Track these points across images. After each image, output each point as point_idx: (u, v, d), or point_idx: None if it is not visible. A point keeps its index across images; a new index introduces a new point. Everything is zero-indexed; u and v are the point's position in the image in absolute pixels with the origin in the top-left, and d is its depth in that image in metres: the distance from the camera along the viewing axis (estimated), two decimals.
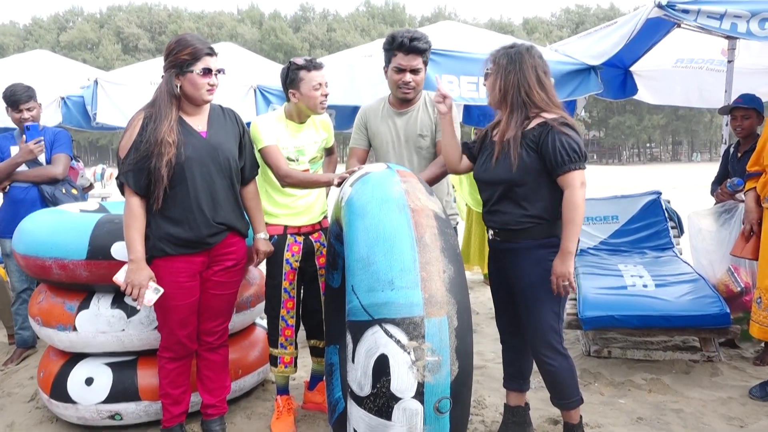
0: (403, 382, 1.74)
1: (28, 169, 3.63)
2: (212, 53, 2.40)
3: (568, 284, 2.21)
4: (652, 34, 4.15)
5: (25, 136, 3.60)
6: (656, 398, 3.08)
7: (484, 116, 5.44)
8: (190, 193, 2.38)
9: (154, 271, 2.37)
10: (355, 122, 2.96)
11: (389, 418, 1.76)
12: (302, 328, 2.92)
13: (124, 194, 2.39)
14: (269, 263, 2.76)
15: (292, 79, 2.65)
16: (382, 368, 1.76)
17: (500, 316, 2.60)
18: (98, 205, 3.40)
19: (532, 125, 2.27)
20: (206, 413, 2.67)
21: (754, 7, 3.24)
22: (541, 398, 2.97)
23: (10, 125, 4.11)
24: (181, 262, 2.42)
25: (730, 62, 4.31)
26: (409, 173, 2.23)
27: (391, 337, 1.75)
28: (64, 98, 5.14)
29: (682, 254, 4.64)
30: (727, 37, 4.07)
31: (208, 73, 2.37)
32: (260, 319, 3.29)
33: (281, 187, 2.70)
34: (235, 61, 5.26)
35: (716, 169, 4.15)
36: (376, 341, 1.78)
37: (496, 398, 3.07)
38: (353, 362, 1.83)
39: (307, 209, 2.78)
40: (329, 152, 3.01)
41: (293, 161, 2.71)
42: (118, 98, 4.70)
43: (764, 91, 4.57)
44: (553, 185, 2.26)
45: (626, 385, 3.25)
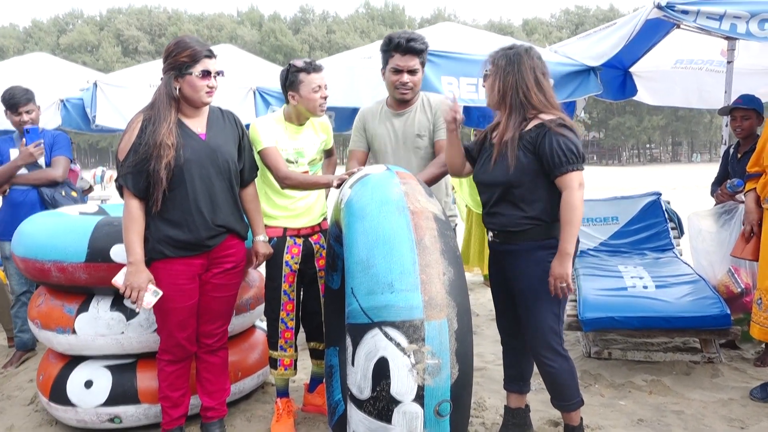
0: (403, 385, 1.73)
1: (27, 172, 3.63)
2: (211, 55, 2.39)
3: (566, 286, 2.21)
4: (651, 35, 4.15)
5: (24, 139, 3.60)
6: (657, 400, 3.07)
7: (483, 117, 5.43)
8: (189, 195, 2.38)
9: (153, 273, 2.37)
10: (353, 125, 2.97)
11: (389, 421, 1.76)
12: (302, 330, 2.92)
13: (123, 196, 2.39)
14: (269, 265, 2.75)
15: (291, 81, 2.65)
16: (381, 371, 1.75)
17: (501, 317, 2.60)
18: (97, 207, 3.40)
19: (529, 127, 2.27)
20: (206, 416, 2.67)
21: (753, 7, 3.24)
22: (541, 400, 2.96)
23: (8, 128, 4.11)
24: (180, 264, 2.41)
25: (729, 63, 4.30)
26: (408, 175, 2.22)
27: (390, 340, 1.75)
28: (63, 101, 5.15)
29: (682, 255, 4.64)
30: (726, 37, 4.07)
31: (207, 75, 2.37)
32: (260, 321, 3.29)
33: (280, 188, 2.69)
34: (234, 63, 5.25)
35: (716, 169, 4.15)
36: (375, 344, 1.77)
37: (496, 400, 3.07)
38: (353, 365, 1.83)
39: (306, 211, 2.78)
40: (328, 154, 3.01)
41: (292, 163, 2.71)
42: (117, 100, 4.69)
43: (764, 91, 4.56)
44: (551, 187, 2.26)
45: (627, 386, 3.24)
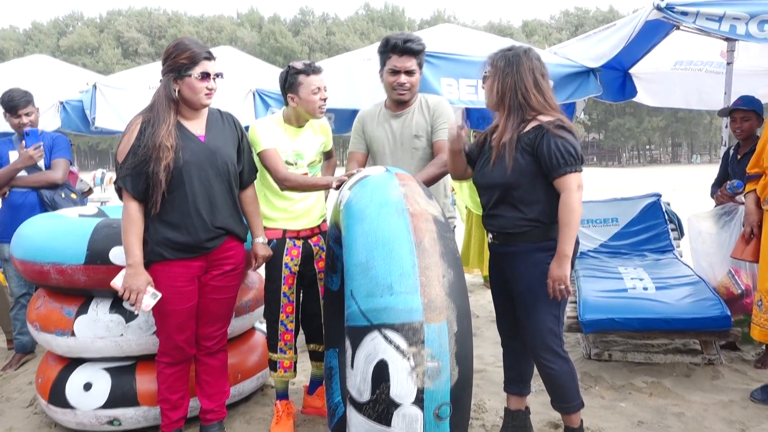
0: (402, 388, 1.73)
1: (27, 174, 3.63)
2: (210, 57, 2.39)
3: (564, 288, 2.20)
4: (651, 36, 4.15)
5: (24, 141, 3.60)
6: (657, 402, 3.07)
7: (483, 119, 5.43)
8: (188, 197, 2.38)
9: (152, 275, 2.37)
10: (353, 127, 2.97)
11: (389, 424, 1.75)
12: (302, 332, 2.92)
13: (122, 198, 2.39)
14: (268, 267, 2.75)
15: (290, 83, 2.65)
16: (381, 374, 1.74)
17: (501, 319, 2.59)
18: (97, 209, 3.40)
19: (528, 128, 2.27)
20: (205, 418, 2.66)
21: (753, 8, 3.23)
22: (541, 402, 2.95)
23: (7, 130, 4.10)
24: (179, 266, 2.41)
25: (729, 64, 4.30)
26: (408, 176, 2.22)
27: (390, 342, 1.74)
28: (63, 103, 5.15)
29: (682, 257, 4.63)
30: (726, 39, 4.07)
31: (206, 77, 2.37)
32: (260, 323, 3.28)
33: (280, 190, 2.69)
34: (233, 64, 5.25)
35: (716, 171, 4.14)
36: (375, 347, 1.76)
37: (496, 402, 3.06)
38: (352, 368, 1.82)
39: (305, 213, 2.77)
40: (328, 156, 3.01)
41: (292, 165, 2.70)
42: (116, 102, 4.69)
43: (763, 92, 4.56)
44: (549, 188, 2.25)
45: (627, 388, 3.23)
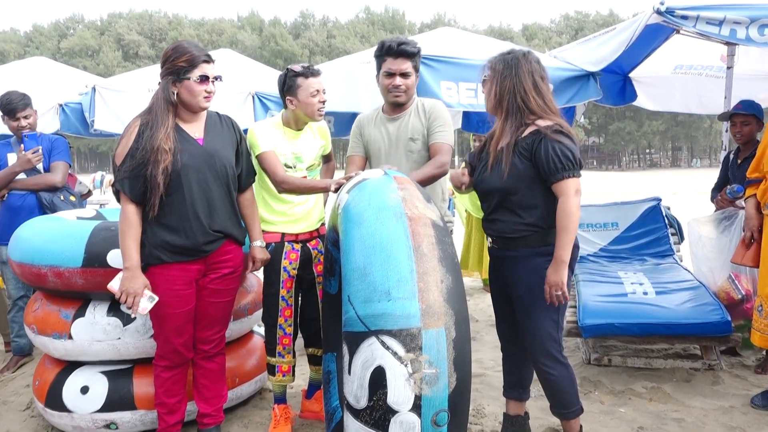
0: (400, 394, 1.71)
1: (26, 177, 3.62)
2: (209, 60, 2.38)
3: (561, 294, 2.19)
4: (651, 40, 4.15)
5: (23, 144, 3.59)
6: (657, 407, 3.05)
7: (483, 123, 5.44)
8: (186, 200, 2.37)
9: (149, 278, 2.36)
10: (351, 131, 2.97)
11: (386, 431, 1.74)
12: (300, 336, 2.90)
13: (120, 201, 2.38)
14: (267, 271, 2.74)
15: (289, 86, 2.65)
16: (378, 381, 1.73)
17: (501, 324, 2.58)
18: (95, 212, 3.39)
19: (526, 133, 2.26)
20: (202, 422, 2.65)
21: (753, 13, 3.23)
22: (540, 407, 2.94)
23: (6, 132, 4.09)
24: (176, 269, 2.40)
25: (729, 68, 4.29)
26: (406, 180, 2.20)
27: (387, 348, 1.72)
28: (62, 105, 5.15)
29: (682, 261, 4.62)
30: (726, 43, 4.06)
31: (205, 80, 2.36)
32: (258, 326, 3.27)
33: (278, 193, 2.68)
34: (233, 67, 5.25)
35: (716, 175, 4.14)
36: (372, 353, 1.75)
37: (495, 407, 3.04)
38: (349, 374, 1.80)
39: (304, 216, 2.77)
40: (327, 159, 3.00)
41: (291, 168, 2.70)
42: (115, 105, 4.69)
43: (763, 97, 4.55)
44: (548, 193, 2.24)
45: (626, 393, 3.22)
